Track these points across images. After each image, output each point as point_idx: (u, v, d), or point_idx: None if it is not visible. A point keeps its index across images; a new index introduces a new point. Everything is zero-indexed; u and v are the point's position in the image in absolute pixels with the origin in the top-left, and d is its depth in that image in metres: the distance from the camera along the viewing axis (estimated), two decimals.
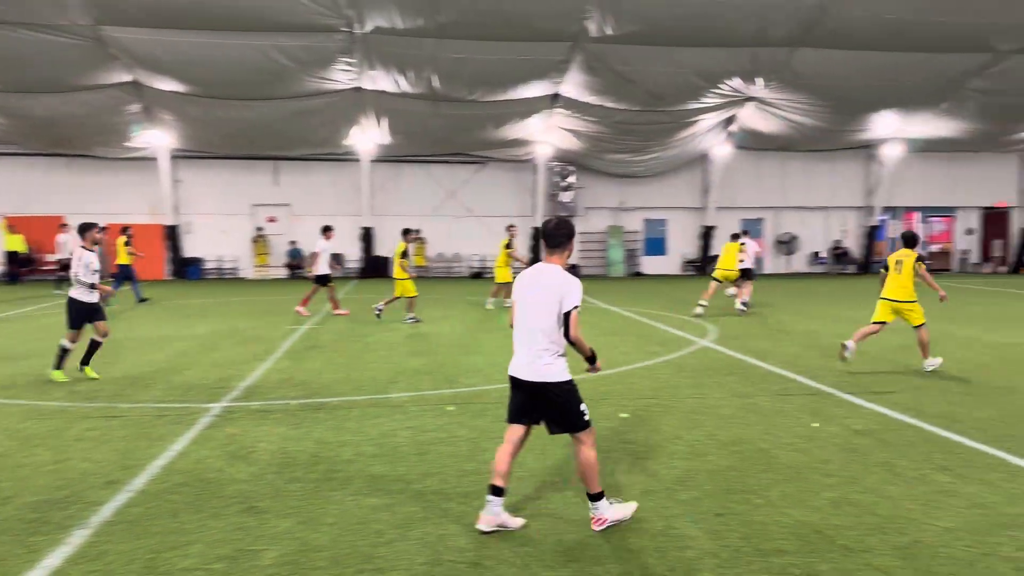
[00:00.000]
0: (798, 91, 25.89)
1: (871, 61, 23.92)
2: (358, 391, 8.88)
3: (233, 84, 23.94)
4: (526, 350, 4.91)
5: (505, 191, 31.67)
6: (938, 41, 22.93)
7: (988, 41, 23.18)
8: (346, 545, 4.60)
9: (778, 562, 4.36)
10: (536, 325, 4.86)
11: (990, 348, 11.94)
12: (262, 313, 17.16)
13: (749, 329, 14.30)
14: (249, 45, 21.89)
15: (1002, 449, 6.46)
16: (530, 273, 5.07)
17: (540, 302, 4.87)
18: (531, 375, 4.88)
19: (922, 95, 26.60)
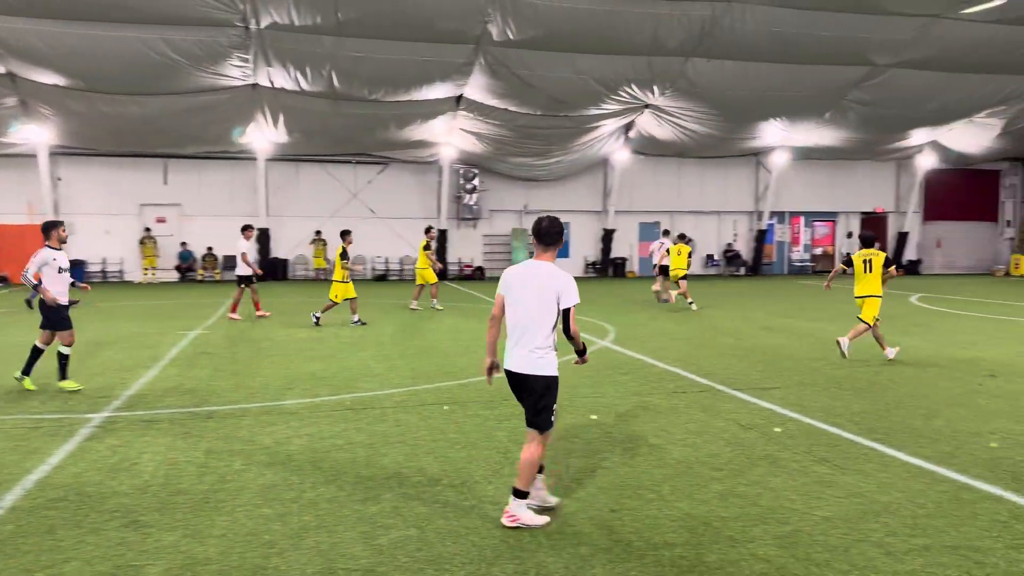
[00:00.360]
0: (692, 99, 26.80)
1: (760, 72, 25.03)
2: (250, 398, 8.62)
3: (119, 78, 22.81)
4: (523, 344, 5.03)
5: (409, 192, 31.43)
6: (821, 54, 24.21)
7: (866, 55, 24.64)
8: (235, 557, 4.46)
9: (668, 555, 4.49)
10: (533, 321, 5.00)
11: (864, 345, 12.66)
12: (149, 318, 16.44)
13: (647, 330, 14.69)
14: (136, 38, 20.93)
15: (875, 440, 6.87)
16: (520, 270, 5.16)
17: (537, 298, 5.02)
18: (523, 367, 5.02)
19: (806, 105, 28.00)
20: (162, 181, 29.20)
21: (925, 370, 10.36)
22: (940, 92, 27.39)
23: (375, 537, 4.73)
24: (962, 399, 8.57)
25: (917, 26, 23.01)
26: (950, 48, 24.33)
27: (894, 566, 4.32)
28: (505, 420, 7.55)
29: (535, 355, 5.00)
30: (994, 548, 4.55)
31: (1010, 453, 6.46)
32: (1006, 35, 23.78)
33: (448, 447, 6.64)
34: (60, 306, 8.95)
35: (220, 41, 21.43)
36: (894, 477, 5.85)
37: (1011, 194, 37.50)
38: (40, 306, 8.98)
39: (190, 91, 23.86)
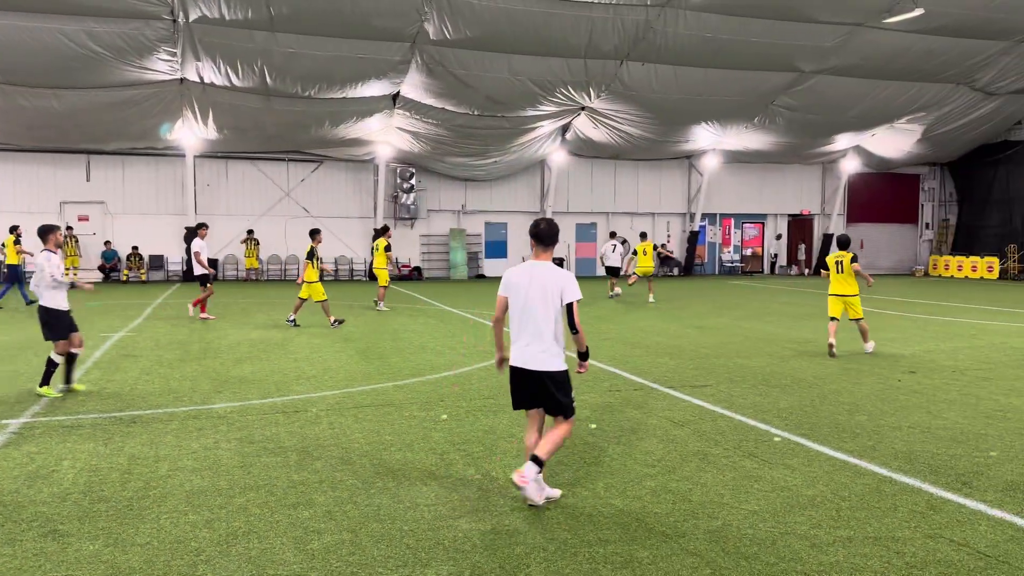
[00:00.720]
0: (627, 102, 27.19)
1: (692, 76, 25.57)
2: (177, 402, 8.37)
3: (38, 71, 21.87)
4: (535, 343, 5.30)
5: (344, 191, 31.02)
6: (751, 60, 24.87)
7: (793, 62, 25.41)
8: (161, 566, 4.32)
9: (602, 552, 4.53)
10: (543, 320, 5.28)
11: (792, 343, 13.05)
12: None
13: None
14: (57, 29, 20.13)
15: (801, 435, 7.07)
16: (524, 270, 5.39)
17: (543, 298, 5.28)
18: (539, 365, 5.30)
19: (736, 110, 28.72)
20: (84, 178, 28.15)
21: (848, 367, 10.73)
22: (863, 98, 28.46)
23: (307, 542, 4.65)
24: (883, 394, 8.90)
25: (841, 34, 23.85)
26: (872, 56, 25.30)
27: (819, 557, 4.45)
28: (441, 422, 7.51)
29: (549, 353, 5.32)
30: (913, 538, 4.74)
31: (928, 446, 6.74)
32: (925, 44, 24.87)
33: (383, 449, 6.58)
34: (64, 312, 8.66)
35: (146, 34, 20.78)
36: (819, 471, 6.03)
37: (930, 197, 39.18)
38: (46, 316, 8.61)
39: (114, 85, 23.06)
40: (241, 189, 29.74)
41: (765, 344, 12.87)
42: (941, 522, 4.99)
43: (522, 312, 5.32)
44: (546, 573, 4.25)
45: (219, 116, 25.43)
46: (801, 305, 20.25)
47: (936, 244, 38.84)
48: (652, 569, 4.30)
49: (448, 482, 5.73)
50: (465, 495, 5.44)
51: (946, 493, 5.52)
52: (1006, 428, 7.40)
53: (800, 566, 4.34)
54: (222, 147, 28.12)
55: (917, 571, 4.28)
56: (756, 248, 37.60)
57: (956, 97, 29.51)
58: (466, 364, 10.74)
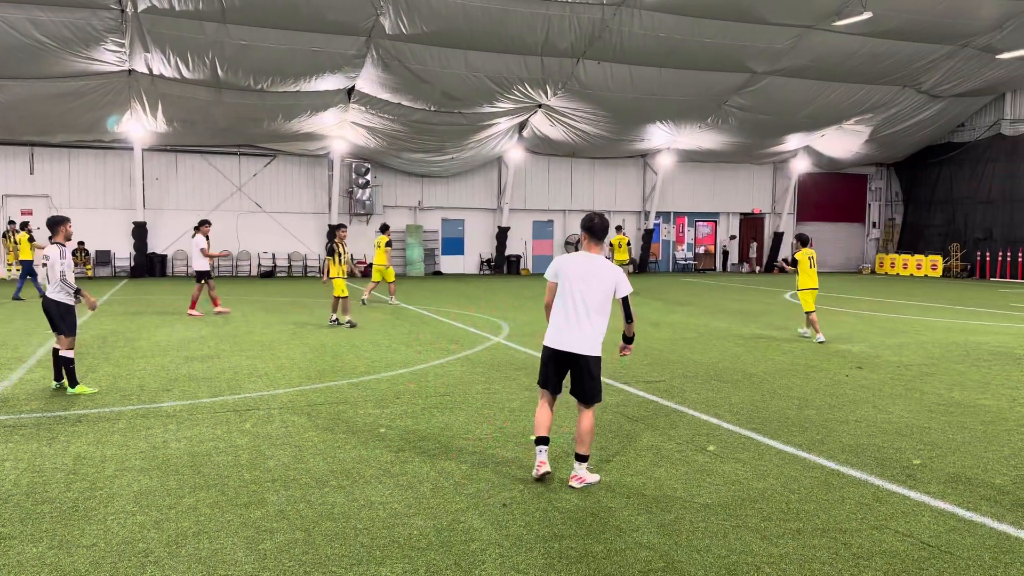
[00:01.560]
0: (583, 101, 27.33)
1: (646, 76, 25.82)
2: (124, 401, 8.17)
3: None
4: (581, 326, 5.67)
5: (298, 186, 30.61)
6: (704, 61, 25.19)
7: (746, 63, 25.81)
8: (107, 568, 4.21)
9: (557, 547, 4.55)
10: (592, 307, 5.67)
11: (743, 339, 13.28)
12: (12, 317, 15.34)
13: (540, 326, 14.86)
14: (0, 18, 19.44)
15: (752, 429, 7.20)
16: (579, 260, 5.80)
17: (597, 288, 5.69)
18: (582, 348, 5.65)
19: (690, 109, 29.08)
20: (28, 171, 27.29)
21: (797, 362, 10.95)
22: (813, 100, 29.06)
23: (259, 542, 4.58)
24: (831, 389, 9.11)
25: (792, 36, 24.30)
26: (822, 58, 25.84)
27: (769, 549, 4.54)
28: (397, 419, 7.47)
29: (595, 338, 5.71)
30: (860, 529, 4.86)
31: (874, 440, 6.91)
32: (872, 47, 25.48)
33: (337, 447, 6.51)
34: (71, 307, 8.41)
35: (93, 24, 20.22)
36: (769, 464, 6.15)
37: (876, 197, 40.18)
38: (58, 309, 8.30)
39: (60, 76, 22.40)
40: (191, 183, 29.13)
41: (717, 340, 13.06)
42: (887, 513, 5.12)
43: (573, 299, 5.69)
44: (502, 569, 4.25)
45: (168, 108, 24.87)
46: (752, 302, 20.60)
47: (882, 243, 39.86)
48: (607, 563, 4.33)
49: (403, 479, 5.70)
50: (420, 492, 5.42)
51: (891, 485, 5.67)
52: (949, 421, 7.62)
53: (751, 558, 4.42)
54: (172, 140, 27.51)
55: (864, 562, 4.39)
56: (709, 246, 38.14)
57: (902, 99, 30.32)
58: (422, 361, 10.69)
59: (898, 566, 4.33)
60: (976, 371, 10.40)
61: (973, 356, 11.66)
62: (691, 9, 22.36)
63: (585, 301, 5.66)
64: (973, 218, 35.00)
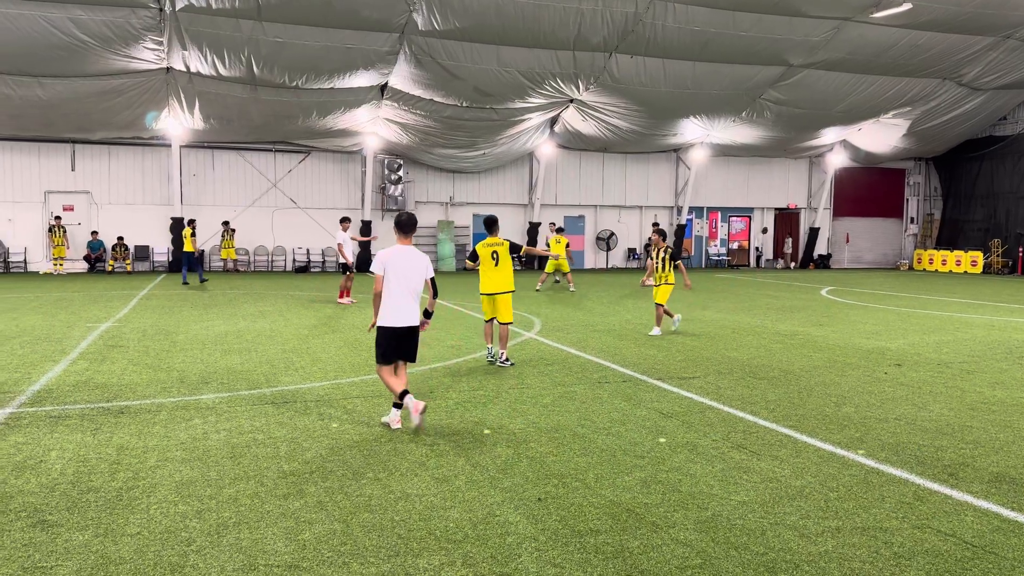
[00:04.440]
0: (615, 95, 27.19)
1: (680, 69, 25.60)
2: (165, 393, 8.33)
3: (23, 59, 21.62)
4: (412, 305, 7.04)
5: (331, 182, 30.89)
6: (739, 54, 24.92)
7: (782, 55, 25.48)
8: (151, 556, 4.30)
9: (593, 542, 4.55)
10: (417, 288, 7.12)
11: (779, 335, 13.13)
12: (55, 310, 15.68)
13: (571, 321, 14.85)
14: (41, 16, 19.91)
15: (789, 427, 7.12)
16: (399, 253, 7.02)
17: (416, 274, 7.12)
18: (415, 321, 7.08)
19: (724, 103, 28.79)
20: (69, 168, 27.88)
21: (835, 359, 10.80)
22: (850, 93, 28.60)
23: (298, 532, 4.64)
24: (869, 387, 8.97)
25: (829, 28, 23.94)
26: (860, 50, 25.42)
27: (808, 548, 4.49)
28: (431, 413, 7.51)
29: (418, 312, 7.16)
30: (901, 528, 4.79)
31: (914, 438, 6.80)
32: (912, 39, 25.01)
33: (372, 440, 6.57)
34: None
35: (132, 22, 20.58)
36: (807, 462, 6.08)
37: (915, 192, 39.45)
38: None
39: (100, 74, 22.85)
40: (227, 179, 29.55)
41: (752, 336, 12.94)
42: (928, 513, 5.04)
43: (404, 285, 6.90)
44: (538, 563, 4.26)
45: (205, 106, 25.24)
46: (788, 298, 20.37)
47: (920, 238, 39.15)
48: (643, 559, 4.32)
49: (438, 473, 5.74)
50: (455, 485, 5.45)
51: (933, 484, 5.58)
52: (991, 420, 7.48)
53: (789, 556, 4.38)
54: (208, 137, 27.92)
55: (905, 561, 4.33)
56: (743, 241, 37.75)
57: (942, 92, 29.72)
58: (455, 356, 10.74)
59: (940, 566, 4.27)
60: (1019, 369, 10.18)
61: (1016, 354, 11.41)
62: (726, 2, 22.13)
63: (411, 285, 6.94)
64: (1015, 213, 34.22)
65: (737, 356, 10.98)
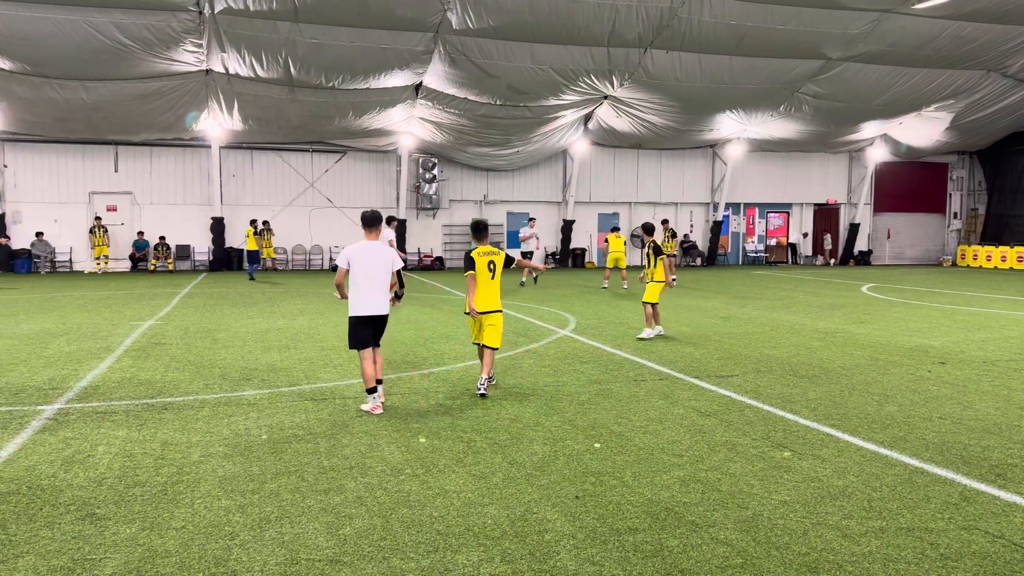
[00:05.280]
0: (650, 91, 26.98)
1: (716, 64, 25.32)
2: (207, 389, 8.47)
3: (66, 63, 22.13)
4: (380, 295, 7.59)
5: (367, 182, 31.15)
6: (776, 48, 24.57)
7: (820, 49, 25.07)
8: (196, 549, 4.39)
9: (631, 540, 4.53)
10: (384, 279, 7.67)
11: (819, 333, 12.94)
12: (100, 308, 16.04)
13: (606, 319, 14.80)
14: (84, 21, 20.34)
15: (831, 426, 7.02)
16: (365, 248, 7.65)
17: (382, 267, 7.68)
18: (384, 310, 7.63)
19: (761, 98, 28.41)
20: (112, 169, 28.48)
21: (877, 357, 10.62)
22: (891, 86, 28.03)
23: (339, 527, 4.70)
24: (913, 385, 8.81)
25: (869, 20, 23.49)
26: (901, 43, 24.90)
27: (851, 548, 4.43)
28: (467, 409, 7.54)
29: (387, 301, 7.66)
30: (947, 529, 4.69)
31: (960, 437, 6.66)
32: (954, 30, 24.43)
33: (410, 436, 6.62)
34: None
35: (172, 26, 20.93)
36: (849, 461, 5.99)
37: (958, 186, 38.57)
38: None
39: (142, 77, 23.29)
40: (266, 180, 29.96)
41: (792, 334, 12.77)
42: (975, 513, 4.94)
43: (371, 277, 7.44)
44: (576, 561, 4.26)
45: (244, 107, 25.61)
46: (828, 296, 20.06)
47: (964, 234, 38.26)
48: (683, 558, 4.30)
49: (475, 469, 5.76)
50: (492, 482, 5.47)
51: (980, 485, 5.46)
52: None
53: (832, 556, 4.32)
54: (247, 138, 28.32)
55: (952, 563, 4.24)
56: (781, 238, 37.26)
57: (987, 84, 28.98)
58: None
59: (989, 568, 4.18)
60: None
61: None
62: None
63: (378, 276, 7.47)
64: None
65: (776, 354, 10.84)
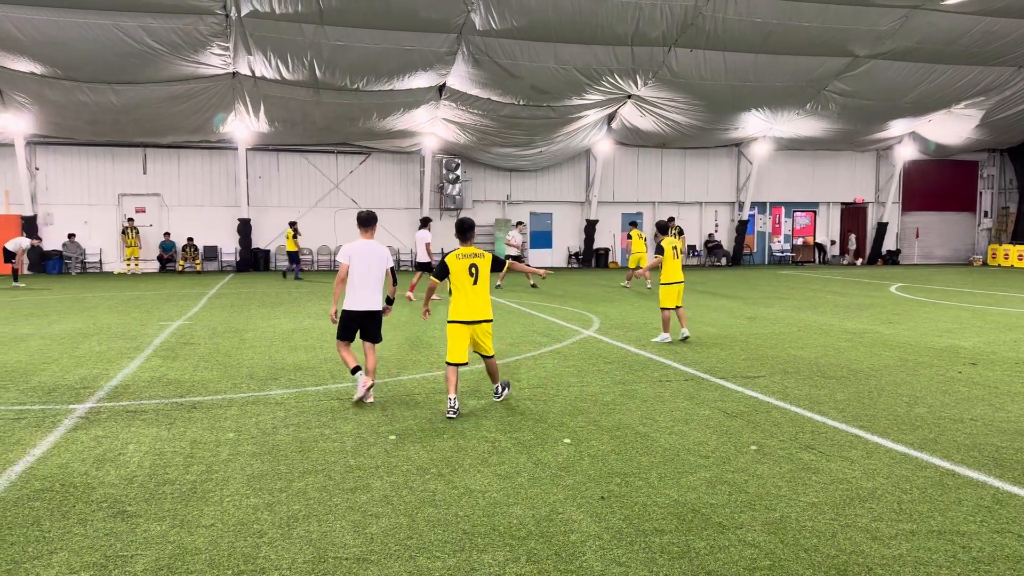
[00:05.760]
0: (674, 90, 26.84)
1: (741, 62, 25.13)
2: (235, 389, 8.56)
3: (97, 67, 22.50)
4: (375, 292, 7.89)
5: (391, 182, 31.32)
6: (802, 45, 24.33)
7: (846, 46, 24.79)
8: (225, 547, 4.44)
9: (658, 541, 4.51)
10: (379, 277, 7.98)
11: (847, 334, 12.79)
12: (130, 309, 16.27)
13: (630, 319, 14.74)
14: (114, 25, 20.65)
15: (859, 427, 6.94)
16: (363, 245, 7.88)
17: (378, 264, 7.96)
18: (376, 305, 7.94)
19: (788, 96, 28.15)
20: (141, 171, 28.89)
21: (906, 358, 10.48)
22: (919, 83, 27.66)
23: (366, 526, 4.73)
24: (943, 386, 8.68)
25: (897, 17, 23.19)
26: (930, 39, 24.56)
27: (881, 551, 4.38)
28: (491, 409, 7.55)
29: (380, 299, 7.94)
30: (979, 532, 4.62)
31: (991, 439, 6.56)
32: (985, 26, 24.04)
33: (435, 436, 6.64)
34: None
35: (200, 29, 21.18)
36: (879, 463, 5.92)
37: (989, 184, 37.96)
38: None
39: (169, 80, 23.59)
40: (291, 181, 30.23)
41: (819, 335, 12.64)
42: (1009, 517, 4.86)
43: (367, 274, 7.72)
44: (603, 562, 4.25)
45: (270, 109, 25.86)
46: (856, 296, 19.83)
47: (995, 233, 37.63)
48: (710, 559, 4.27)
49: (500, 469, 5.77)
50: (517, 482, 5.47)
51: (1013, 487, 5.37)
52: None
53: (862, 559, 4.27)
54: (273, 140, 28.59)
55: (984, 566, 4.18)
56: (807, 237, 36.90)
57: (1018, 80, 28.48)
58: (514, 353, 10.77)
59: (1022, 572, 4.10)
60: None
61: None
62: None
63: (374, 274, 7.74)
64: None
65: (803, 355, 10.74)
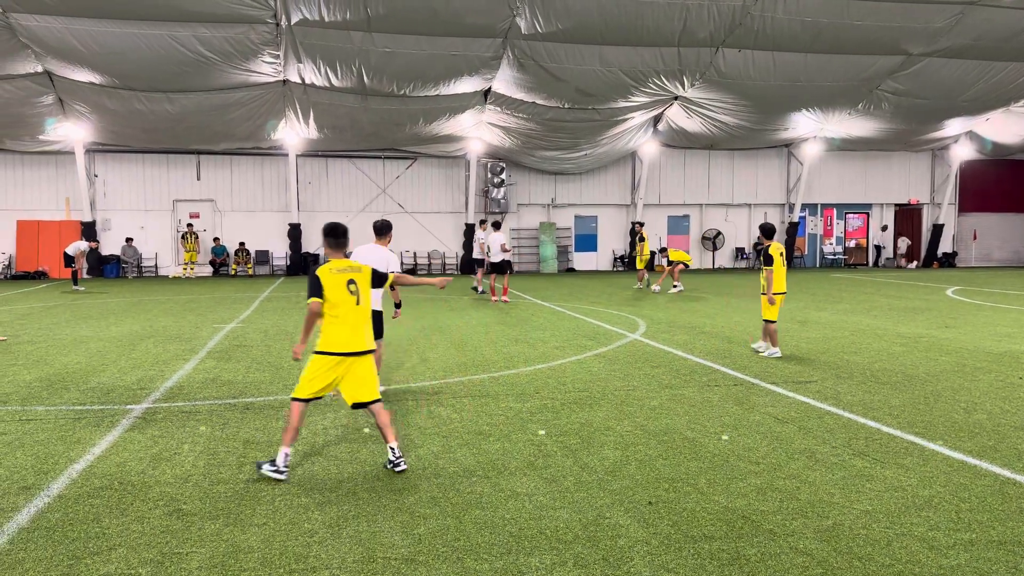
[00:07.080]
0: (722, 91, 26.54)
1: (791, 62, 24.73)
2: (287, 390, 8.70)
3: (152, 76, 23.15)
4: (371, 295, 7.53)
5: (437, 187, 31.56)
6: (854, 44, 23.85)
7: (899, 44, 24.23)
8: (277, 545, 4.52)
9: (707, 548, 4.46)
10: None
11: (901, 338, 12.49)
12: (184, 312, 16.67)
13: (677, 323, 14.61)
14: (169, 35, 21.22)
15: (915, 434, 6.77)
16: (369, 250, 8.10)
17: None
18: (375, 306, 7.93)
19: (839, 95, 27.61)
20: (195, 177, 29.62)
21: (964, 363, 10.19)
22: (976, 81, 26.88)
23: (414, 527, 4.77)
24: (1003, 393, 8.42)
25: (953, 14, 22.59)
26: (986, 36, 23.86)
27: (938, 560, 4.26)
28: (537, 413, 7.56)
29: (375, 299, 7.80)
30: None
31: None
32: None
33: (482, 439, 6.67)
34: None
35: (251, 38, 21.65)
36: (935, 471, 5.76)
37: None
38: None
39: (222, 88, 24.15)
40: (340, 186, 30.70)
41: (873, 339, 12.36)
42: None
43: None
44: (651, 567, 4.22)
45: (320, 116, 26.30)
46: (911, 299, 19.35)
47: None
48: (761, 567, 4.21)
49: (546, 473, 5.76)
50: (564, 486, 5.46)
51: None
52: None
53: (918, 569, 4.16)
54: (322, 146, 29.07)
55: None
56: (860, 239, 36.12)
57: None
58: (560, 357, 10.76)
59: None
60: None
61: None
62: None
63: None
64: None
65: (857, 360, 10.52)
